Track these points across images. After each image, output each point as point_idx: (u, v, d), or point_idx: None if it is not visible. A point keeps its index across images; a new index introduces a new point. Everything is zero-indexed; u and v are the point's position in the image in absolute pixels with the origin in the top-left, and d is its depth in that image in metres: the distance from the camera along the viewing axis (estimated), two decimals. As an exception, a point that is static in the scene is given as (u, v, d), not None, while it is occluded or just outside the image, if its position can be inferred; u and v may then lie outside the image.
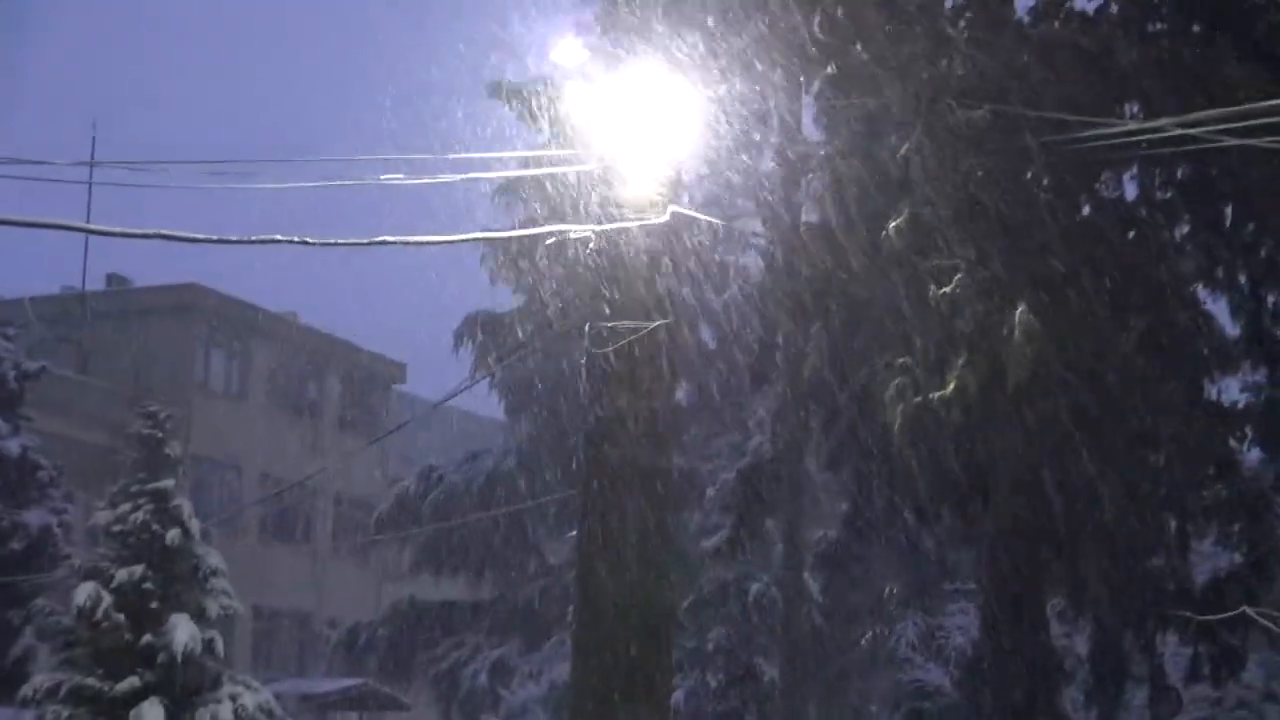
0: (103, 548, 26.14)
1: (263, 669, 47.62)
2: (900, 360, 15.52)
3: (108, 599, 24.53)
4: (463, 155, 14.05)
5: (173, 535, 25.39)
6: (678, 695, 28.53)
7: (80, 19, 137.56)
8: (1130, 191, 17.47)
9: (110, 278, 52.03)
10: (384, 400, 56.91)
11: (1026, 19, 17.15)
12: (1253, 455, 19.73)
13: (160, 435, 26.64)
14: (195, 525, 26.19)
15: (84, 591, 24.59)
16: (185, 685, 24.58)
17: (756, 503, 25.18)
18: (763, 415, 29.11)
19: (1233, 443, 18.25)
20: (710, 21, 15.37)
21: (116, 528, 25.72)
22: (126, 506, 25.87)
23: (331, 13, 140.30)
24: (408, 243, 12.70)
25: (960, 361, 14.93)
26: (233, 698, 24.83)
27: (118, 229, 11.77)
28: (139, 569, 24.98)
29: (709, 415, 34.89)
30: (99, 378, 46.10)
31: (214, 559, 26.16)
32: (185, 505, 26.17)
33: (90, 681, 24.34)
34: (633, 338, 13.42)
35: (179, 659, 24.16)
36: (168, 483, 26.08)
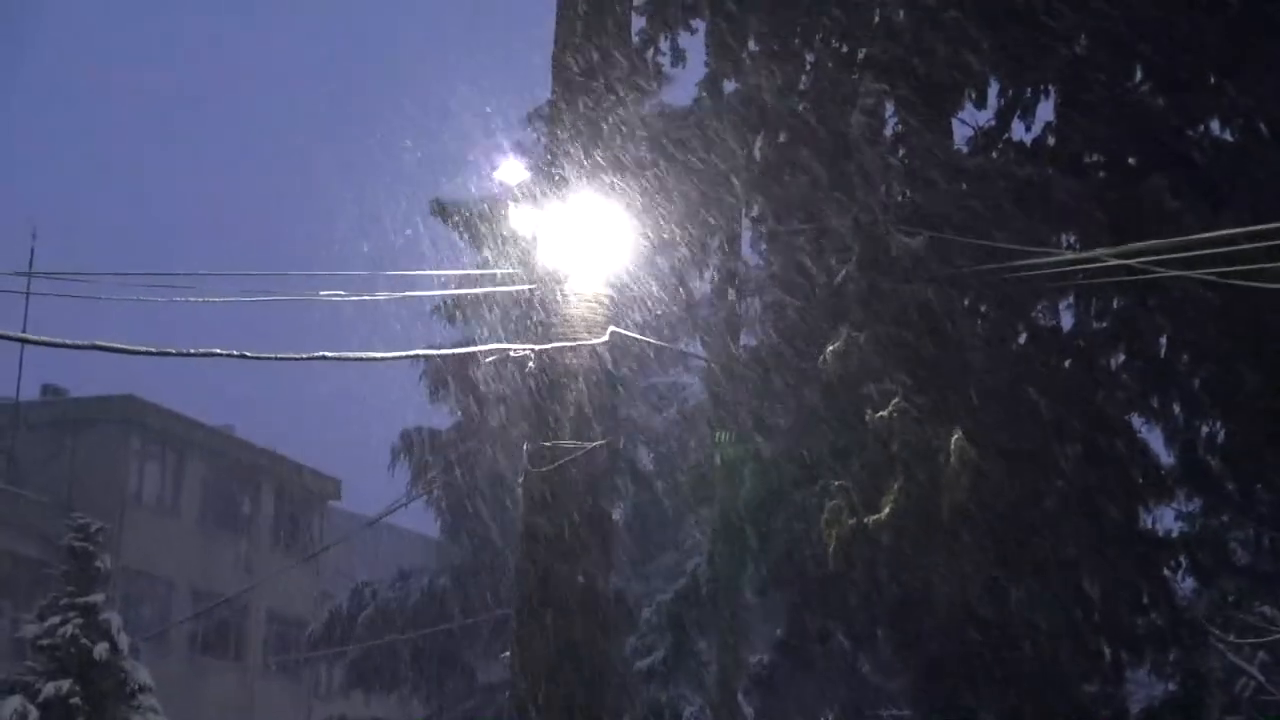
0: (30, 661, 25.85)
1: (190, 787, 46.96)
2: (836, 483, 15.53)
3: (34, 714, 24.23)
4: (403, 272, 14.10)
5: (101, 650, 25.17)
6: (610, 819, 28.23)
7: (17, 126, 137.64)
8: (1066, 321, 17.59)
9: (45, 388, 51.65)
10: (319, 516, 56.51)
11: (965, 149, 17.32)
12: (1187, 584, 19.79)
13: (91, 548, 26.45)
14: (124, 640, 25.98)
15: (10, 706, 24.31)
16: (111, 805, 24.28)
17: (692, 624, 25.10)
18: (699, 537, 29.06)
19: (1167, 571, 18.27)
20: (651, 143, 15.48)
21: (44, 641, 25.49)
22: (55, 620, 25.65)
23: (278, 126, 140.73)
24: (346, 358, 12.69)
25: (896, 485, 14.96)
26: (159, 818, 24.55)
27: (54, 339, 11.71)
28: (66, 684, 24.74)
29: (645, 536, 34.78)
30: (31, 489, 45.62)
31: (142, 675, 25.92)
32: (114, 619, 25.96)
33: (14, 800, 24.02)
34: (571, 457, 13.41)
35: (105, 778, 23.88)
36: (97, 597, 25.90)
